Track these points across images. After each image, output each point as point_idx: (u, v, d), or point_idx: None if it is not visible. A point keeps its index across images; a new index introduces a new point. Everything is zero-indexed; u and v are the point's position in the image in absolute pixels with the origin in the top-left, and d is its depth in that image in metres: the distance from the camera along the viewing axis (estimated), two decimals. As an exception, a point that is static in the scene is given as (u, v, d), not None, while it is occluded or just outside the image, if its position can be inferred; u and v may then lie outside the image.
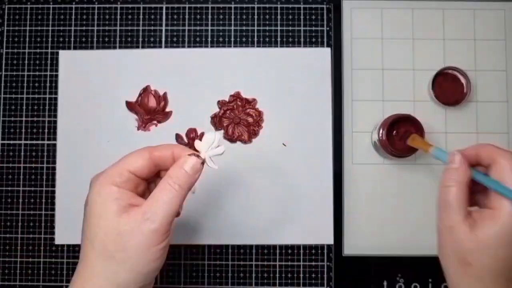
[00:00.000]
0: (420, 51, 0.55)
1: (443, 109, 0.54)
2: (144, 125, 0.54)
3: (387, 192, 0.54)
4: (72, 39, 0.56)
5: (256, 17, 0.56)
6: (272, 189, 0.54)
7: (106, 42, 0.56)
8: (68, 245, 0.54)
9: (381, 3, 0.56)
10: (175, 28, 0.56)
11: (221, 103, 0.55)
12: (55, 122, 0.55)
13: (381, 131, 0.50)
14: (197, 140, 0.35)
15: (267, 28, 0.56)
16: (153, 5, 0.56)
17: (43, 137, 0.55)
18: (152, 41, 0.56)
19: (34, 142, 0.55)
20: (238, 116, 0.54)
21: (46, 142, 0.55)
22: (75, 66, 0.55)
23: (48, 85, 0.55)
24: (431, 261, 0.53)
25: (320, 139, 0.54)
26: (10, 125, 0.55)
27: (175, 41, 0.56)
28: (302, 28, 0.56)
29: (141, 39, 0.56)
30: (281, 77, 0.55)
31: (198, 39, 0.56)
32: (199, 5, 0.56)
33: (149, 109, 0.54)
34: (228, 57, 0.55)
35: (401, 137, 0.51)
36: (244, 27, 0.56)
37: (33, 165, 0.54)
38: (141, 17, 0.56)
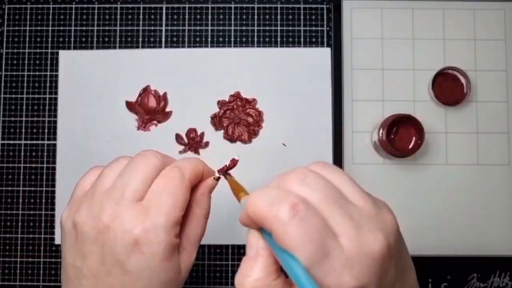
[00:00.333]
0: (420, 51, 0.55)
1: (443, 109, 0.54)
2: (144, 125, 0.54)
3: (387, 192, 0.53)
4: (72, 39, 0.56)
5: (256, 17, 0.56)
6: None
7: (106, 42, 0.56)
8: (68, 245, 0.54)
9: (381, 3, 0.56)
10: (175, 28, 0.56)
11: (221, 103, 0.55)
12: (55, 122, 0.55)
13: (381, 131, 0.50)
14: (222, 168, 0.39)
15: (267, 28, 0.56)
16: (153, 5, 0.56)
17: (43, 137, 0.55)
18: (152, 41, 0.56)
19: (34, 142, 0.55)
20: (238, 116, 0.54)
21: (46, 142, 0.55)
22: (75, 66, 0.55)
23: (48, 85, 0.55)
24: (431, 261, 0.53)
25: (320, 139, 0.54)
26: (10, 125, 0.55)
27: (175, 41, 0.56)
28: (302, 28, 0.56)
29: (141, 39, 0.56)
30: (281, 77, 0.55)
31: (198, 39, 0.56)
32: (199, 5, 0.56)
33: (149, 109, 0.54)
34: (228, 57, 0.55)
35: (401, 137, 0.51)
36: (244, 27, 0.56)
37: (33, 165, 0.54)
38: (141, 17, 0.56)
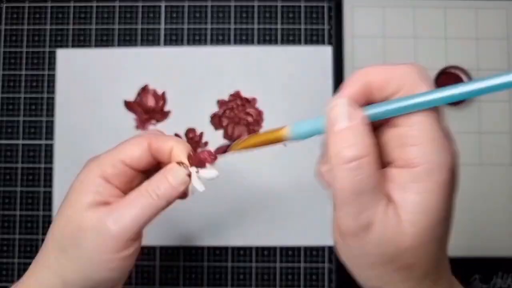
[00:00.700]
0: (422, 50, 0.55)
1: (445, 109, 0.54)
2: (142, 124, 0.54)
3: (388, 192, 0.53)
4: (70, 38, 0.55)
5: (256, 15, 0.55)
6: (272, 189, 0.53)
7: (104, 40, 0.55)
8: (66, 246, 0.53)
9: (383, 2, 0.55)
10: (174, 26, 0.55)
11: (221, 103, 0.54)
12: (53, 121, 0.54)
13: (382, 130, 0.50)
14: (190, 153, 0.31)
15: (268, 26, 0.55)
16: (152, 3, 0.56)
17: (41, 137, 0.54)
18: (151, 40, 0.55)
19: (32, 141, 0.54)
20: (237, 115, 0.54)
21: (44, 141, 0.54)
22: (73, 65, 0.55)
23: (46, 84, 0.55)
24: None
25: (320, 139, 0.54)
26: (7, 125, 0.55)
27: (174, 40, 0.55)
28: (302, 26, 0.55)
29: (139, 38, 0.55)
30: (282, 76, 0.54)
31: (197, 37, 0.55)
32: (198, 3, 0.56)
33: (148, 109, 0.54)
34: (228, 56, 0.55)
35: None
36: (244, 25, 0.55)
37: (31, 165, 0.54)
38: (140, 15, 0.56)
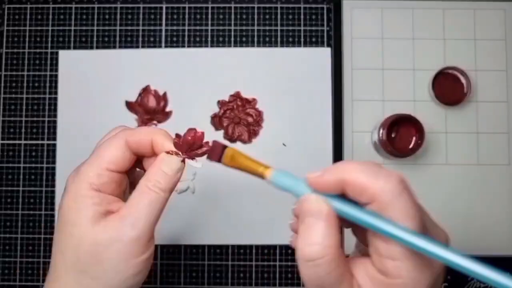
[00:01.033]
0: (420, 51, 0.55)
1: (443, 109, 0.54)
2: (144, 125, 0.54)
3: (387, 192, 0.53)
4: (72, 39, 0.56)
5: (256, 17, 0.56)
6: (272, 189, 0.54)
7: (106, 42, 0.56)
8: (68, 245, 0.53)
9: (382, 3, 0.55)
10: (175, 28, 0.56)
11: (221, 103, 0.55)
12: (55, 122, 0.55)
13: (381, 131, 0.50)
14: (175, 139, 0.32)
15: (267, 28, 0.56)
16: (153, 5, 0.56)
17: (43, 137, 0.55)
18: (152, 41, 0.56)
19: (34, 142, 0.55)
20: (238, 116, 0.54)
21: (46, 142, 0.55)
22: (75, 66, 0.55)
23: (48, 85, 0.55)
24: (431, 261, 0.53)
25: (320, 139, 0.54)
26: (10, 125, 0.55)
27: (175, 41, 0.56)
28: (302, 28, 0.56)
29: (141, 39, 0.56)
30: (281, 77, 0.55)
31: (198, 39, 0.56)
32: (199, 5, 0.56)
33: (149, 109, 0.54)
34: (228, 57, 0.55)
35: (401, 137, 0.51)
36: (244, 27, 0.56)
37: (33, 165, 0.54)
38: (141, 17, 0.56)
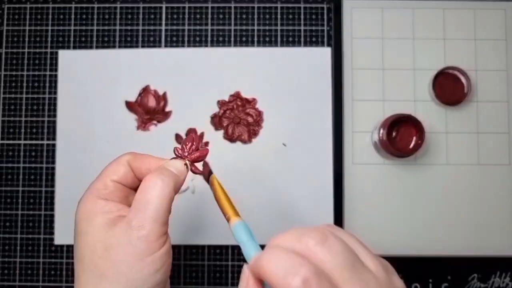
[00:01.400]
0: (420, 51, 0.55)
1: (443, 109, 0.54)
2: (143, 125, 0.54)
3: (387, 192, 0.53)
4: (71, 39, 0.56)
5: (256, 16, 0.56)
6: (272, 189, 0.54)
7: (105, 41, 0.56)
8: (67, 245, 0.53)
9: (382, 3, 0.55)
10: (175, 27, 0.56)
11: (221, 103, 0.55)
12: (55, 122, 0.55)
13: (381, 131, 0.50)
14: (175, 147, 0.33)
15: (267, 27, 0.56)
16: (152, 5, 0.56)
17: (42, 137, 0.55)
18: (152, 41, 0.56)
19: (33, 142, 0.55)
20: (238, 116, 0.54)
21: (45, 142, 0.54)
22: (75, 66, 0.55)
23: (47, 85, 0.55)
24: (432, 261, 0.53)
25: (320, 139, 0.54)
26: (9, 125, 0.55)
27: (175, 41, 0.56)
28: (302, 27, 0.56)
29: (140, 39, 0.56)
30: (281, 77, 0.55)
31: (198, 38, 0.56)
32: (199, 5, 0.56)
33: (149, 109, 0.54)
34: (228, 57, 0.55)
35: (401, 137, 0.51)
36: (244, 27, 0.56)
37: (33, 165, 0.54)
38: (141, 16, 0.56)
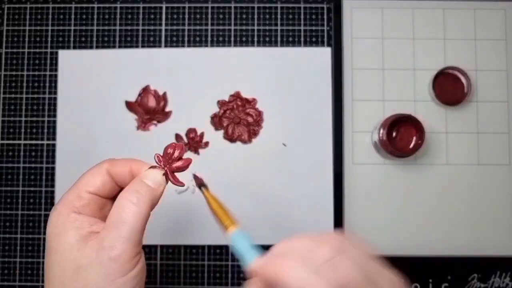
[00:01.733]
0: (420, 51, 0.55)
1: (443, 109, 0.54)
2: (143, 125, 0.54)
3: (387, 192, 0.53)
4: (71, 39, 0.56)
5: (256, 16, 0.56)
6: (272, 189, 0.54)
7: (105, 41, 0.56)
8: (67, 245, 0.53)
9: (382, 3, 0.55)
10: (175, 27, 0.56)
11: (221, 103, 0.55)
12: (55, 122, 0.55)
13: (381, 131, 0.50)
14: (157, 154, 0.32)
15: (267, 27, 0.56)
16: (152, 5, 0.56)
17: (42, 137, 0.55)
18: (152, 41, 0.56)
19: (33, 142, 0.55)
20: (238, 116, 0.54)
21: (45, 142, 0.54)
22: (75, 65, 0.55)
23: (47, 85, 0.55)
24: (432, 262, 0.53)
25: (320, 139, 0.54)
26: (9, 125, 0.55)
27: (175, 41, 0.56)
28: (302, 27, 0.56)
29: (140, 39, 0.56)
30: (281, 77, 0.55)
31: (198, 38, 0.56)
32: (199, 5, 0.56)
33: (149, 109, 0.54)
34: (228, 57, 0.55)
35: (401, 137, 0.51)
36: (244, 27, 0.56)
37: (33, 165, 0.54)
38: (141, 16, 0.56)
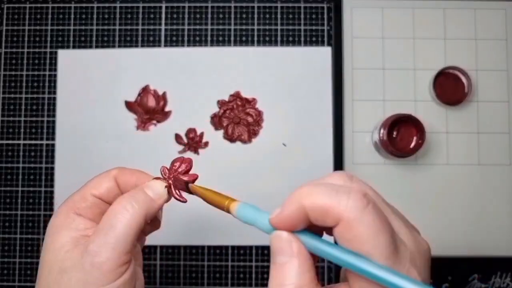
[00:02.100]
0: (421, 51, 0.55)
1: (444, 109, 0.54)
2: (143, 125, 0.54)
3: (387, 192, 0.53)
4: (71, 39, 0.56)
5: (256, 16, 0.56)
6: (272, 189, 0.54)
7: (105, 41, 0.55)
8: (67, 246, 0.53)
9: (382, 3, 0.55)
10: (175, 27, 0.56)
11: (221, 103, 0.54)
12: (54, 122, 0.54)
13: (381, 131, 0.50)
14: (163, 166, 0.31)
15: (267, 27, 0.55)
16: (152, 4, 0.56)
17: (42, 137, 0.54)
18: (151, 40, 0.56)
19: (33, 142, 0.54)
20: (237, 116, 0.54)
21: (45, 142, 0.54)
22: (74, 65, 0.55)
23: (47, 84, 0.55)
24: (432, 261, 0.52)
25: (320, 139, 0.54)
26: (9, 125, 0.55)
27: (174, 40, 0.56)
28: (302, 27, 0.55)
29: (140, 38, 0.56)
30: (281, 76, 0.55)
31: (197, 38, 0.56)
32: (198, 4, 0.56)
33: (148, 109, 0.54)
34: (228, 57, 0.55)
35: (402, 137, 0.51)
36: (244, 26, 0.56)
37: (32, 165, 0.54)
38: (141, 16, 0.56)
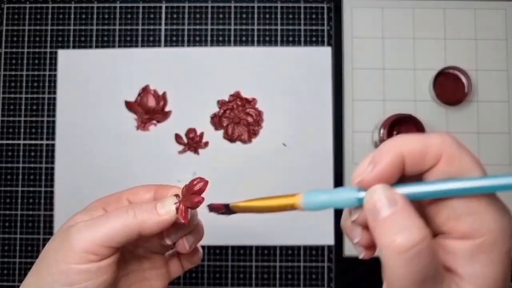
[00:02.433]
0: (421, 51, 0.55)
1: (444, 109, 0.54)
2: (143, 125, 0.54)
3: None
4: (71, 39, 0.56)
5: (256, 16, 0.56)
6: (272, 189, 0.53)
7: (105, 41, 0.55)
8: (67, 246, 0.53)
9: (382, 3, 0.55)
10: (175, 27, 0.56)
11: (221, 103, 0.54)
12: (54, 122, 0.54)
13: (382, 131, 0.50)
14: (186, 184, 0.30)
15: (267, 27, 0.55)
16: (152, 4, 0.56)
17: (42, 137, 0.54)
18: (151, 40, 0.56)
19: (33, 142, 0.54)
20: (237, 116, 0.54)
21: (45, 142, 0.54)
22: (74, 65, 0.55)
23: (47, 84, 0.55)
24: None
25: (320, 139, 0.54)
26: (9, 125, 0.55)
27: (174, 40, 0.56)
28: (302, 27, 0.55)
29: (140, 38, 0.56)
30: (281, 76, 0.55)
31: (197, 38, 0.56)
32: (198, 4, 0.56)
33: (148, 109, 0.54)
34: (228, 57, 0.55)
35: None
36: (244, 26, 0.56)
37: (32, 165, 0.54)
38: (141, 16, 0.56)
